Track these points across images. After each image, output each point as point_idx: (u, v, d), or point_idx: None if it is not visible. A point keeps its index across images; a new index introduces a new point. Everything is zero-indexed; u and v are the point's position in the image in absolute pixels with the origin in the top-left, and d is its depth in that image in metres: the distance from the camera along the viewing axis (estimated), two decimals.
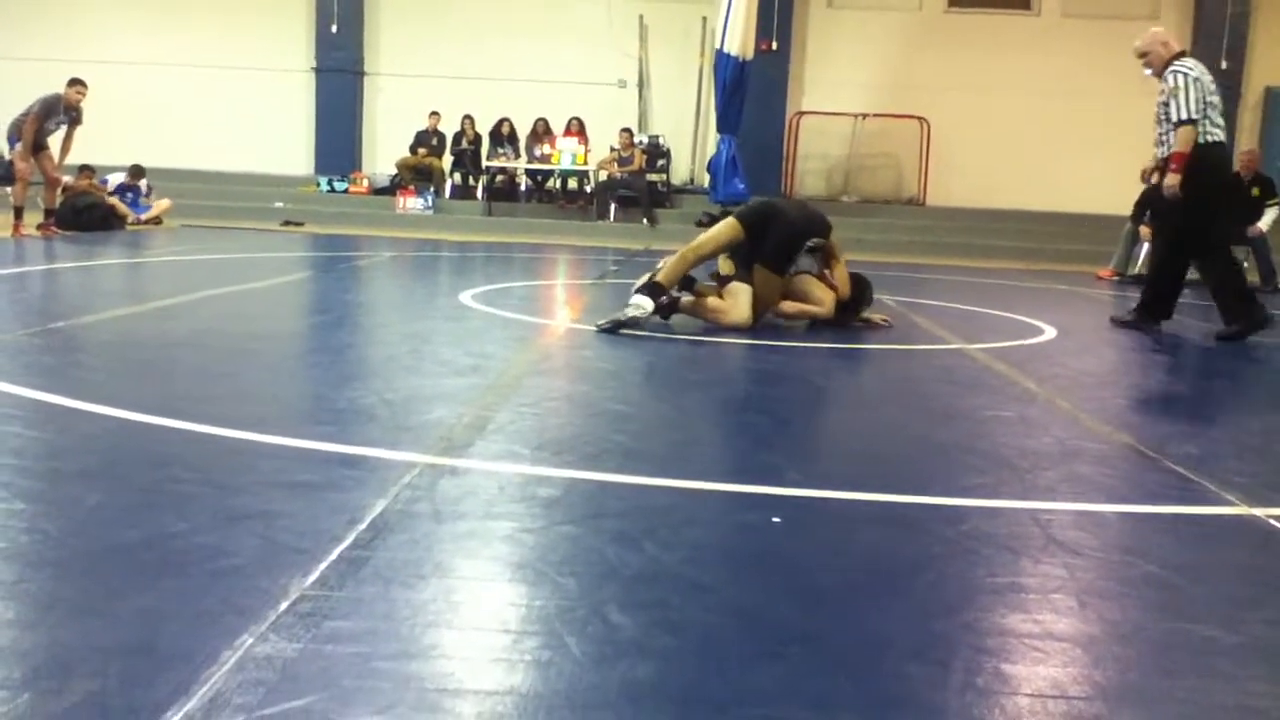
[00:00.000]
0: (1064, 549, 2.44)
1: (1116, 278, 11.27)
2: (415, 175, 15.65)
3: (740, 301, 5.75)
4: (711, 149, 15.43)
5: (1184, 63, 6.61)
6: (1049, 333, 6.47)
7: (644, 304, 5.54)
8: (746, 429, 3.78)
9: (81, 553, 2.12)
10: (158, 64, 16.70)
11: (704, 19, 15.90)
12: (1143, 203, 11.38)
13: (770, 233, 5.86)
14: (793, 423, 3.88)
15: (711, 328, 5.75)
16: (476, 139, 15.91)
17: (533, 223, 14.91)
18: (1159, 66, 6.64)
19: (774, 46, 15.86)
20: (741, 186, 14.53)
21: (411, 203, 15.21)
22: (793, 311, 5.96)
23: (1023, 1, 16.33)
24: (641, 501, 2.68)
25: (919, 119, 15.84)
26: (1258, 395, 5.01)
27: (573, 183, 15.92)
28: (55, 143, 10.77)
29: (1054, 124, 15.80)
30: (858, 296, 6.13)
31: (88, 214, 11.60)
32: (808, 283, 6.01)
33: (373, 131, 17.12)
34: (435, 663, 1.71)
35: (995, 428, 3.79)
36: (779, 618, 1.99)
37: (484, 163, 15.81)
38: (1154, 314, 6.91)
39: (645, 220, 14.85)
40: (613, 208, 15.15)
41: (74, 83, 10.65)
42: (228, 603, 1.87)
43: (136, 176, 13.03)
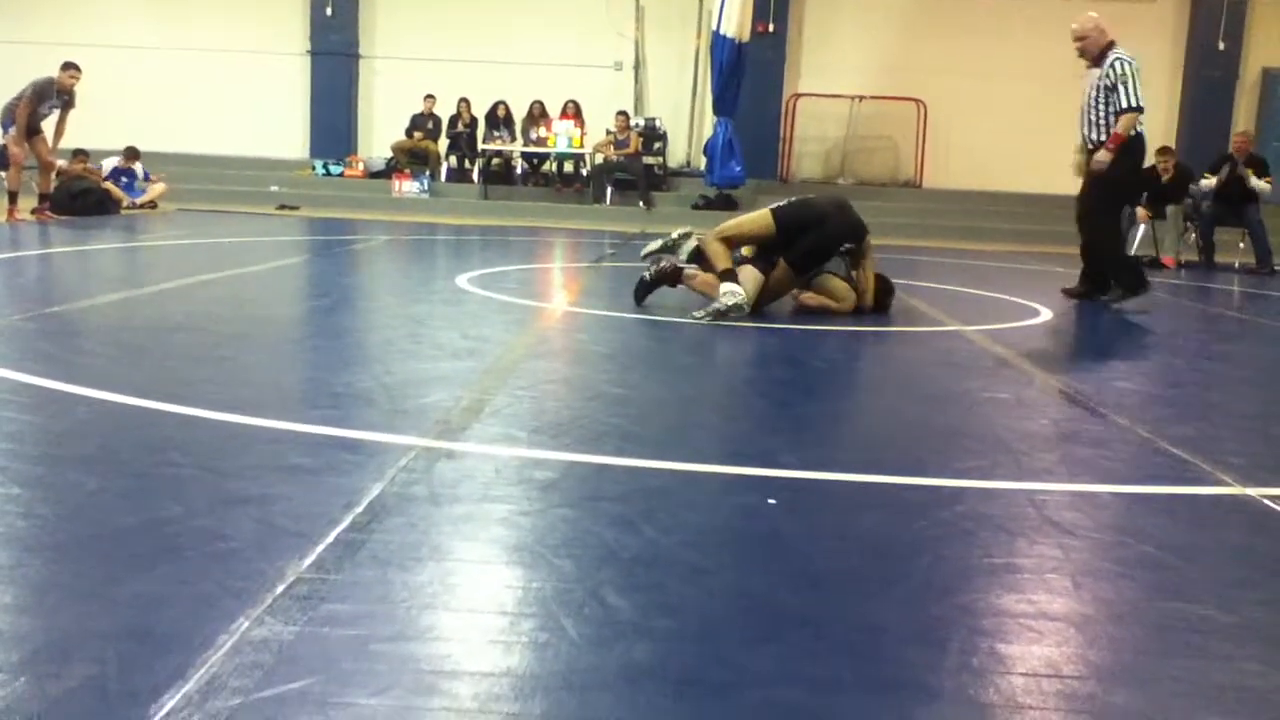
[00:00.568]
0: (1059, 530, 2.45)
1: None
2: (411, 159, 15.60)
3: (746, 288, 5.72)
4: (708, 132, 15.38)
5: (1124, 52, 6.89)
6: (1045, 314, 6.48)
7: (736, 290, 5.50)
8: (744, 411, 3.79)
9: (78, 537, 2.13)
10: (153, 47, 16.62)
11: (700, 1, 15.83)
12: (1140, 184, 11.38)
13: (805, 239, 5.78)
14: (790, 405, 3.88)
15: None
16: (472, 122, 15.85)
17: (529, 206, 14.87)
18: (1095, 53, 6.86)
19: (771, 29, 15.80)
20: (738, 169, 14.49)
21: (407, 186, 15.17)
22: (813, 304, 5.92)
23: None
24: (639, 484, 2.69)
25: (916, 101, 15.79)
26: (1254, 376, 5.01)
27: (569, 166, 15.88)
28: (49, 127, 10.72)
29: (1051, 106, 15.69)
30: (880, 301, 6.08)
31: (83, 198, 11.56)
32: (830, 279, 5.97)
33: (368, 115, 17.05)
34: (432, 645, 1.72)
35: (991, 409, 3.79)
36: (777, 600, 1.99)
37: (480, 146, 15.76)
38: (1099, 285, 7.25)
39: (641, 203, 14.82)
40: (609, 191, 15.12)
41: (67, 66, 10.59)
42: (224, 586, 1.88)
43: (131, 158, 12.98)
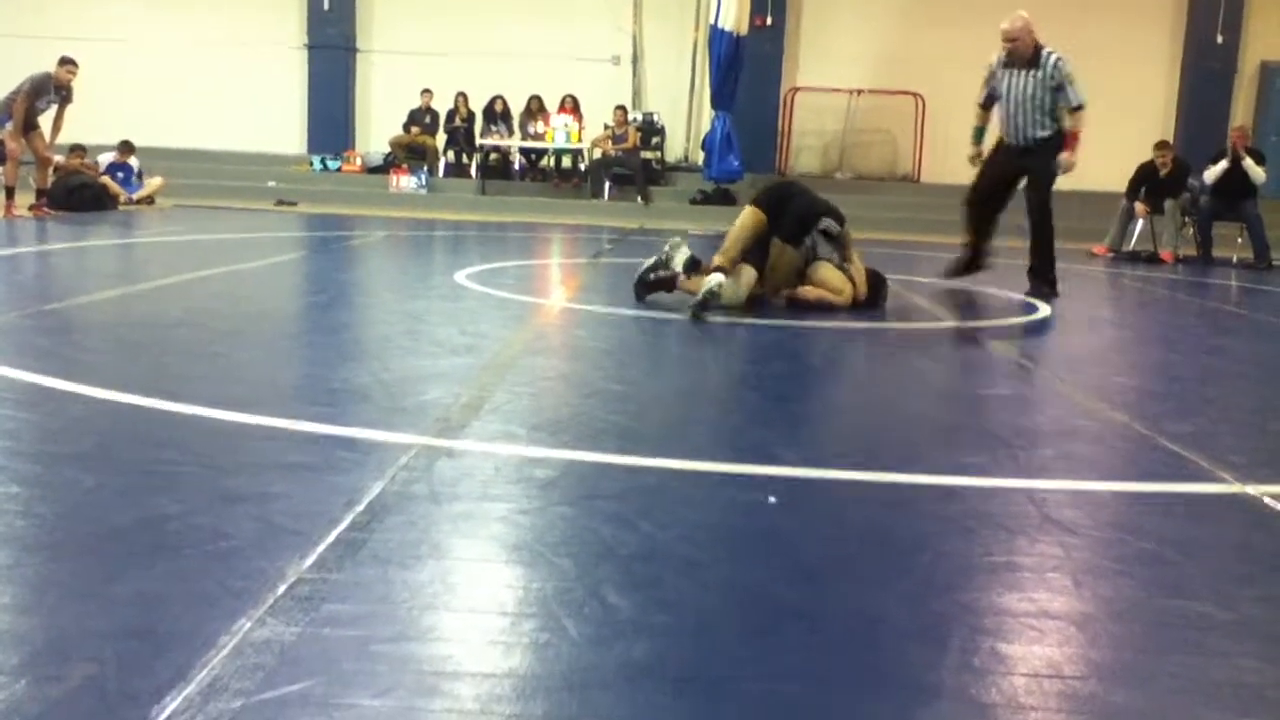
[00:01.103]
0: (1059, 527, 2.45)
1: (1111, 254, 11.27)
2: (409, 154, 15.58)
3: (741, 281, 5.72)
4: (706, 126, 15.37)
5: (1060, 52, 7.07)
6: (1044, 310, 6.48)
7: (718, 277, 5.47)
8: (742, 408, 3.79)
9: (77, 536, 2.12)
10: (149, 42, 16.58)
11: None
12: (1137, 180, 11.39)
13: (787, 209, 5.85)
14: (788, 401, 3.88)
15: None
16: (470, 117, 15.83)
17: (527, 201, 14.86)
18: (1027, 53, 6.96)
19: (769, 22, 15.78)
20: (736, 164, 14.48)
21: (405, 181, 15.15)
22: (812, 297, 5.90)
23: None
24: (638, 481, 2.69)
25: (914, 95, 15.78)
26: (1252, 372, 5.01)
27: (567, 161, 15.86)
28: (46, 122, 10.70)
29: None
30: (873, 295, 6.08)
31: (80, 194, 11.54)
32: (826, 269, 5.95)
33: (366, 109, 17.03)
34: (433, 645, 1.72)
35: (991, 406, 3.79)
36: (775, 596, 1.99)
37: (478, 141, 15.74)
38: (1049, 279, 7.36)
39: (640, 198, 14.81)
40: (607, 185, 15.11)
41: (64, 62, 10.57)
42: (225, 586, 1.88)
43: (126, 152, 12.95)
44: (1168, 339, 6.14)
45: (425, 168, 15.39)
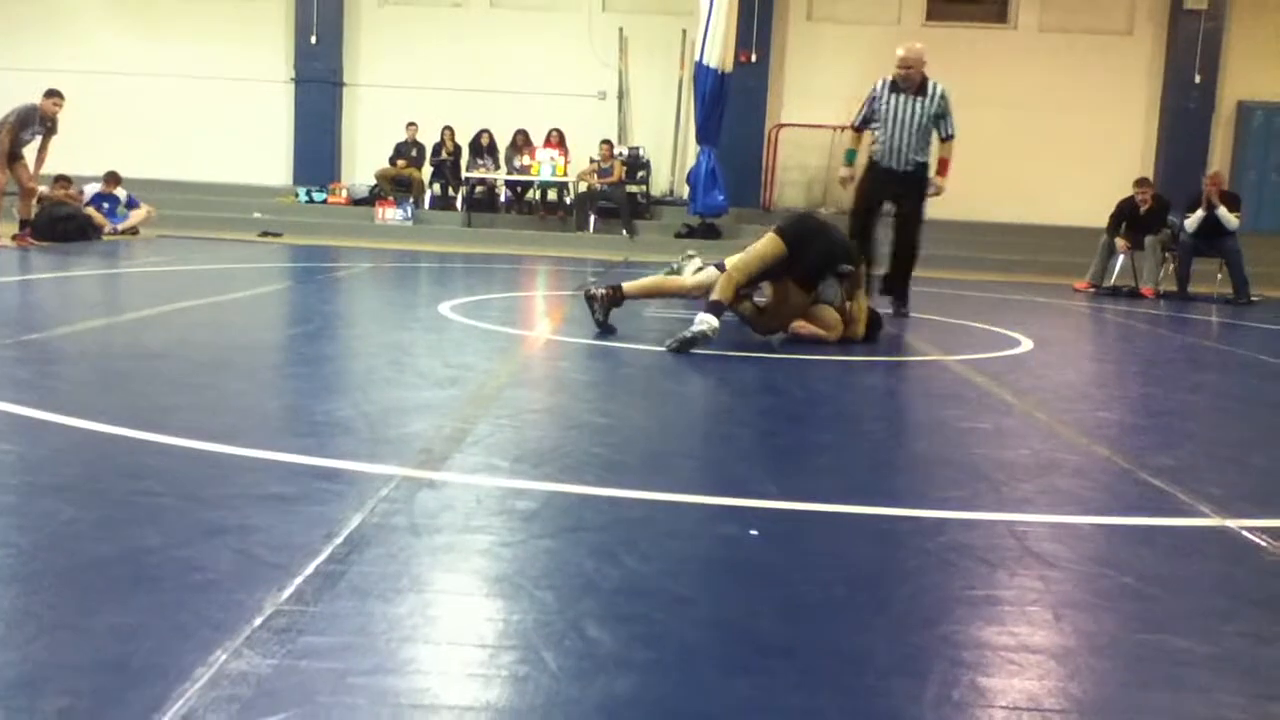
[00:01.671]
0: (1040, 561, 2.46)
1: (1092, 289, 11.36)
2: (394, 186, 15.62)
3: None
4: (691, 160, 15.47)
5: (943, 84, 7.45)
6: (1026, 344, 6.51)
7: (709, 320, 5.43)
8: (726, 441, 3.79)
9: (54, 568, 2.10)
10: (136, 74, 16.63)
11: (684, 31, 15.96)
12: (1118, 216, 11.50)
13: (810, 248, 5.81)
14: (772, 434, 3.88)
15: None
16: (456, 150, 15.89)
17: (512, 234, 14.90)
18: (918, 80, 7.27)
19: (753, 59, 15.93)
20: (721, 198, 14.57)
21: (391, 213, 15.18)
22: (805, 333, 5.91)
23: (999, 15, 16.47)
24: (620, 514, 2.68)
25: None
26: (1232, 406, 5.05)
27: (552, 194, 15.93)
28: (30, 153, 10.70)
29: (1031, 137, 15.93)
30: (869, 333, 6.11)
31: (64, 224, 11.52)
32: (822, 308, 5.98)
33: (352, 142, 17.08)
34: (411, 678, 1.71)
35: (972, 439, 3.80)
36: (758, 631, 1.99)
37: (463, 174, 15.80)
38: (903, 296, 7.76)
39: (625, 231, 14.87)
40: (592, 219, 15.17)
41: (51, 94, 10.59)
42: (202, 618, 1.86)
43: (112, 183, 12.94)
44: (1149, 373, 6.17)
45: (411, 200, 15.43)
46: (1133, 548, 2.70)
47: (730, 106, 14.57)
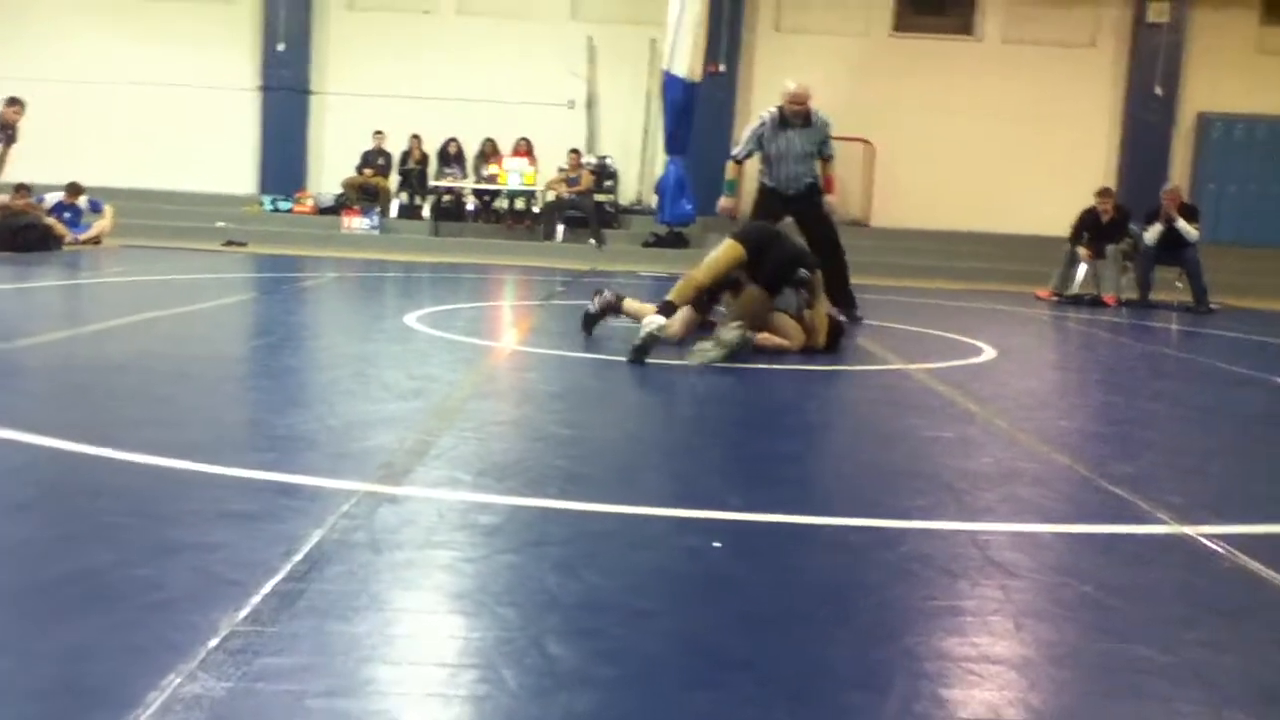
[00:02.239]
0: (1001, 570, 2.47)
1: (1055, 297, 11.47)
2: (361, 195, 15.54)
3: (676, 320, 5.79)
4: (660, 170, 15.49)
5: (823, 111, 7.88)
6: (989, 353, 6.56)
7: (658, 320, 5.44)
8: (690, 452, 3.78)
9: (6, 588, 2.07)
10: (100, 81, 16.45)
11: (652, 41, 15.98)
12: (1080, 225, 11.62)
13: (770, 254, 5.87)
14: (735, 446, 3.88)
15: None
16: (423, 159, 15.84)
17: (480, 243, 14.86)
18: (805, 113, 7.69)
19: (722, 69, 15.98)
20: (689, 208, 14.59)
21: (357, 223, 15.10)
22: (769, 345, 5.89)
23: (965, 27, 16.62)
24: (584, 528, 2.67)
25: (864, 141, 16.01)
26: (1191, 414, 5.10)
27: (520, 203, 15.90)
28: None
29: (995, 147, 16.07)
30: (831, 342, 6.13)
31: (24, 234, 11.36)
32: (782, 318, 6.00)
33: (319, 150, 16.98)
34: (369, 699, 1.69)
35: (935, 449, 3.82)
36: (720, 644, 1.98)
37: (431, 182, 15.74)
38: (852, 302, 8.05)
39: (593, 240, 14.86)
40: (560, 228, 15.15)
41: (12, 102, 10.48)
42: (157, 639, 1.83)
43: (74, 194, 12.79)
44: (1110, 382, 6.23)
45: (378, 209, 15.35)
46: (1093, 556, 2.72)
47: (699, 116, 14.60)
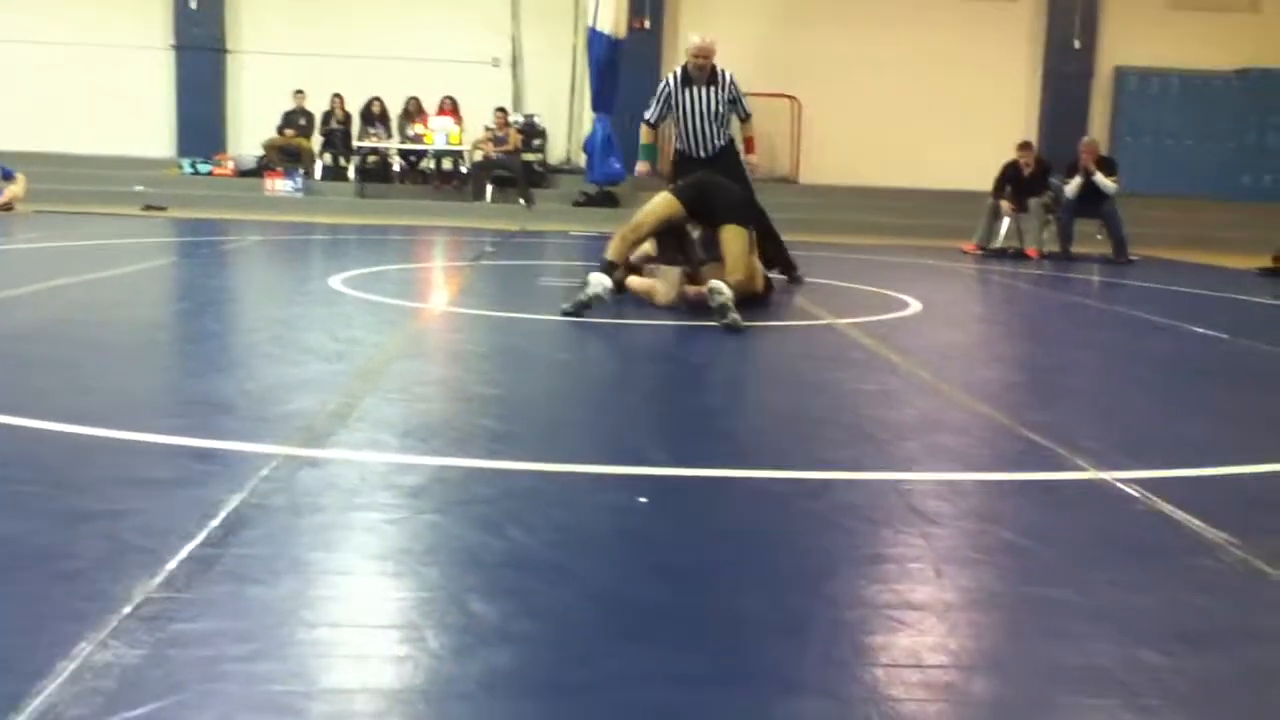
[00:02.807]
0: (922, 518, 2.50)
1: (979, 251, 11.62)
2: (283, 156, 15.20)
3: (669, 282, 5.74)
4: (588, 128, 15.35)
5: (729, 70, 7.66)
6: (914, 306, 6.63)
7: (602, 280, 5.39)
8: (615, 409, 3.78)
9: None
10: (6, 41, 15.85)
11: None
12: (1002, 179, 11.76)
13: (717, 199, 5.84)
14: (661, 401, 3.89)
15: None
16: (346, 119, 15.52)
17: (407, 204, 14.63)
18: (709, 70, 7.48)
19: (647, 25, 15.84)
20: (618, 166, 14.49)
21: (280, 185, 14.78)
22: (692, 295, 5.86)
23: None
24: (508, 486, 2.65)
25: (789, 98, 16.02)
26: (1110, 363, 5.21)
27: (447, 163, 15.67)
28: None
29: (920, 102, 16.17)
30: (764, 296, 6.14)
31: None
32: (752, 260, 5.95)
33: (237, 111, 16.55)
34: (287, 662, 1.66)
35: (858, 401, 3.86)
36: (643, 598, 1.98)
37: (355, 143, 15.45)
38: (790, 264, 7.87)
39: (522, 200, 14.72)
40: (489, 188, 14.97)
41: None
42: (65, 609, 1.78)
43: None
44: (1032, 332, 6.35)
45: (301, 170, 15.04)
46: (1012, 502, 2.77)
47: (625, 73, 14.48)
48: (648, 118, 7.68)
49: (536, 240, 11.56)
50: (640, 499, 2.55)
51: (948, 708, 1.64)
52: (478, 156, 15.12)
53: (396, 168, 15.68)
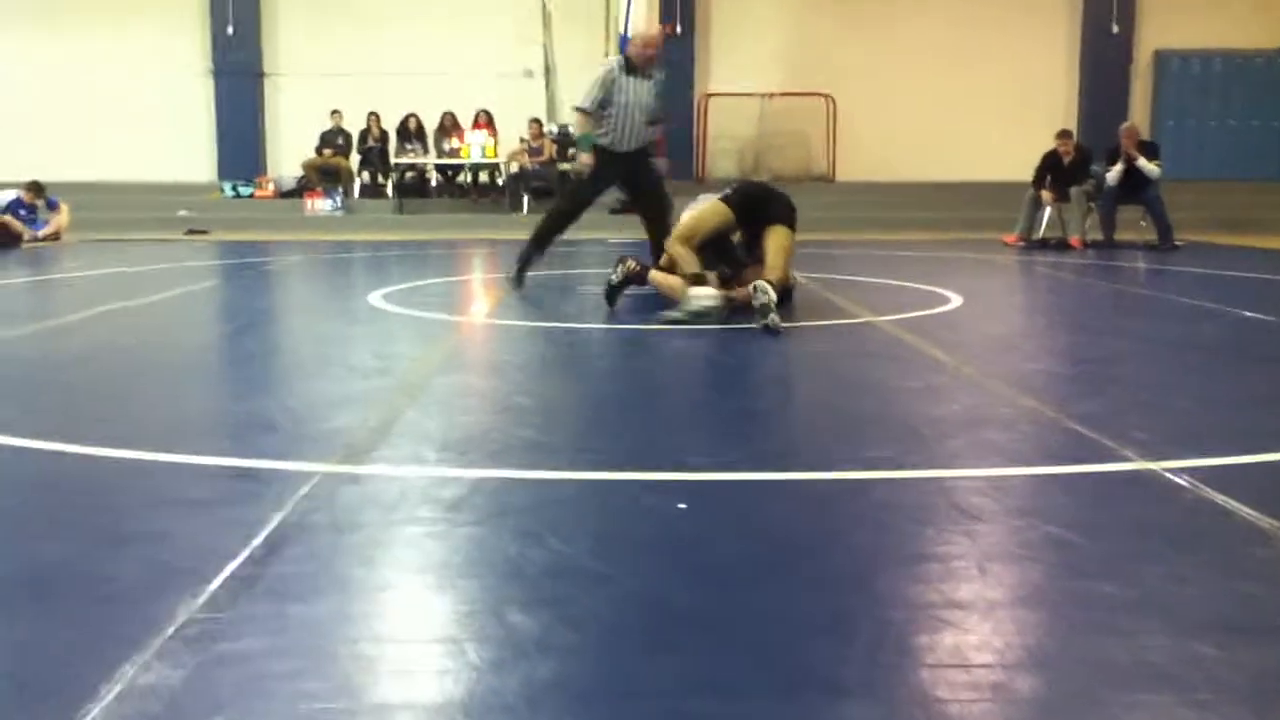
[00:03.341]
0: (967, 515, 2.47)
1: (1022, 243, 11.48)
2: (322, 176, 15.36)
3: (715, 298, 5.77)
4: None
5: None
6: (955, 300, 6.55)
7: (707, 293, 5.44)
8: (654, 414, 3.77)
9: None
10: (49, 72, 16.17)
11: (607, 4, 15.83)
12: (1042, 169, 11.62)
13: (769, 207, 5.87)
14: (701, 405, 3.87)
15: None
16: (383, 136, 15.66)
17: (445, 218, 14.72)
18: (653, 62, 7.26)
19: (678, 30, 15.85)
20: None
21: (320, 204, 14.94)
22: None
23: None
24: (547, 495, 2.65)
25: (824, 96, 15.95)
26: (1156, 351, 5.12)
27: (484, 176, 15.75)
28: None
29: (955, 94, 16.02)
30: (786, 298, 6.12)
31: None
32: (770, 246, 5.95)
33: (276, 133, 16.76)
34: (329, 679, 1.67)
35: (902, 398, 3.82)
36: (684, 605, 1.97)
37: (392, 160, 15.58)
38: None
39: None
40: (526, 199, 15.03)
41: None
42: (109, 631, 1.80)
43: (35, 193, 12.56)
44: (1077, 323, 6.25)
45: (340, 189, 15.19)
46: (1058, 496, 2.72)
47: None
48: (586, 106, 7.22)
49: (574, 249, 11.58)
50: (680, 505, 2.54)
51: (995, 707, 1.62)
52: (513, 168, 15.19)
53: (434, 182, 15.80)
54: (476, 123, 15.37)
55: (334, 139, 15.58)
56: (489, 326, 5.85)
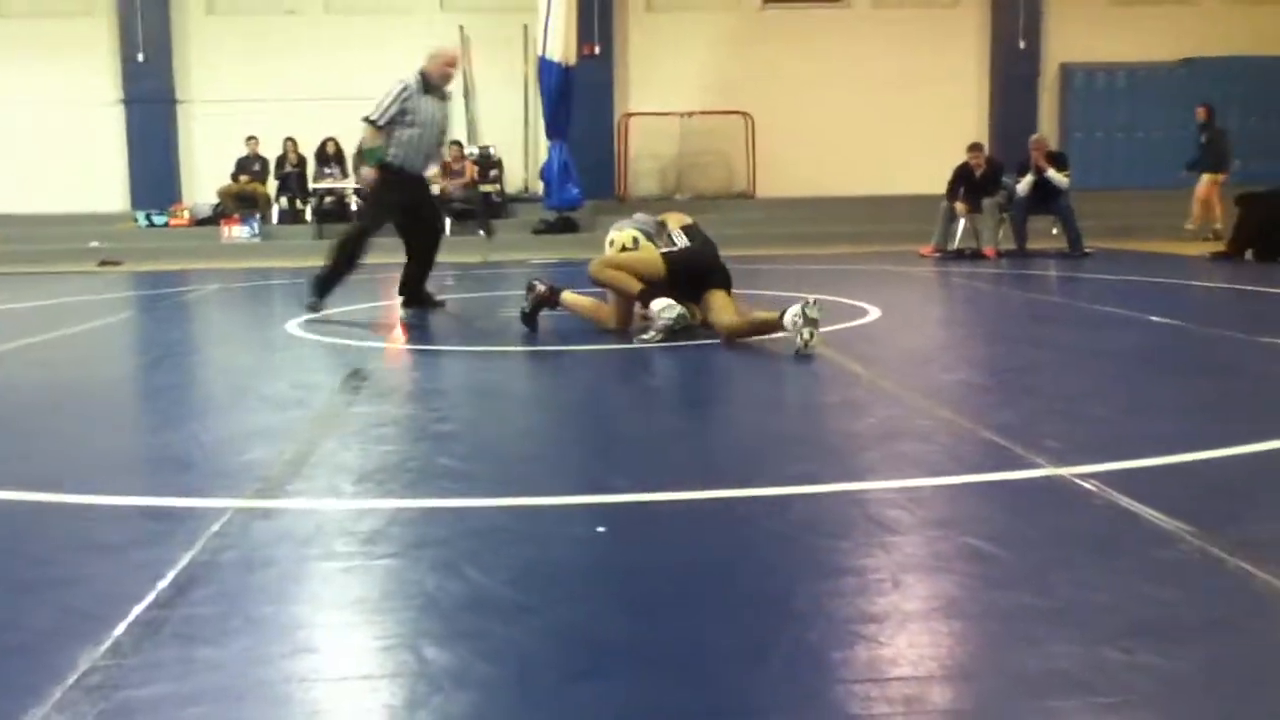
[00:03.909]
0: (882, 528, 2.49)
1: (938, 254, 11.69)
2: (239, 203, 15.11)
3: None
4: (543, 156, 15.37)
5: None
6: (873, 313, 6.64)
7: (667, 303, 5.35)
8: (573, 439, 3.75)
9: None
10: None
11: (525, 26, 15.83)
12: (955, 181, 11.86)
13: (710, 278, 5.69)
14: (620, 428, 3.87)
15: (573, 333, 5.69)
16: (301, 161, 15.47)
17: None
18: (449, 82, 7.38)
19: (597, 50, 15.91)
20: (576, 191, 14.52)
21: (237, 231, 14.69)
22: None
23: None
24: (467, 525, 2.63)
25: (743, 114, 16.10)
26: (1069, 359, 5.23)
27: None
28: None
29: (871, 111, 16.30)
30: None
31: None
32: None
33: (190, 161, 16.47)
34: None
35: (819, 413, 3.86)
36: (603, 632, 1.96)
37: (310, 185, 15.39)
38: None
39: (482, 232, 14.69)
40: (448, 222, 14.92)
41: None
42: (8, 684, 1.74)
43: None
44: (993, 333, 6.37)
45: (258, 216, 14.96)
46: (971, 506, 2.77)
47: (577, 99, 14.51)
48: (376, 119, 7.04)
49: (498, 271, 11.53)
50: (600, 529, 2.53)
51: None
52: (435, 191, 15.09)
53: (354, 207, 15.62)
54: None
55: (250, 165, 15.35)
56: (409, 353, 5.79)
